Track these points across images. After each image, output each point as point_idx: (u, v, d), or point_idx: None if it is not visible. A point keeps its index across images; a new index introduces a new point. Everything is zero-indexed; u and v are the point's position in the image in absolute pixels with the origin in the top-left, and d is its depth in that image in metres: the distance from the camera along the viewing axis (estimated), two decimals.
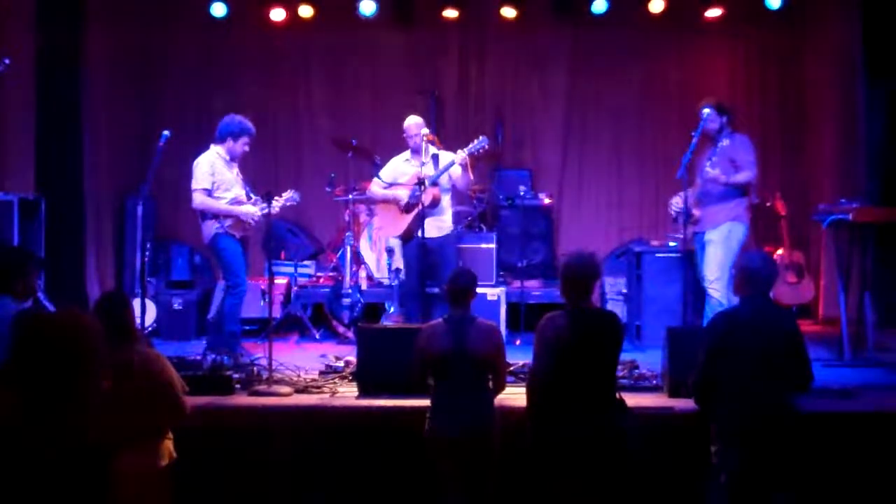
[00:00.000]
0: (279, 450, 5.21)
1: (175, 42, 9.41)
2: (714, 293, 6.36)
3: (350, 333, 7.60)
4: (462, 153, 6.81)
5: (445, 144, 7.36)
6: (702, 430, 4.53)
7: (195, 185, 6.50)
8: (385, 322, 7.50)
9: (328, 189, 8.28)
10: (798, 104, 9.23)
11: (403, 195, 6.99)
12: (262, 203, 6.43)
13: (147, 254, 6.63)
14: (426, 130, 7.04)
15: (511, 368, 5.62)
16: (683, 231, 6.39)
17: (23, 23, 7.47)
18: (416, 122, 7.09)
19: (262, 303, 7.73)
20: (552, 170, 9.62)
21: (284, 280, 8.25)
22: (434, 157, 7.01)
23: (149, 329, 7.71)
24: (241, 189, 6.64)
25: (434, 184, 6.87)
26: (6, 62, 6.45)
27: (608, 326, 4.45)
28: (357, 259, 8.21)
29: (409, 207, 6.95)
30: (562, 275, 4.51)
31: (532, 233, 8.84)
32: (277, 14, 9.10)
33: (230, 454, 5.17)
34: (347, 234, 8.05)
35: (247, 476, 5.17)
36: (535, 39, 9.50)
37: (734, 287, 4.64)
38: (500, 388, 4.75)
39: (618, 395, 4.48)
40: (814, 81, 9.06)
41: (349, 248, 8.04)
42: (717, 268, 6.36)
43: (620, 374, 5.49)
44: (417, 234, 6.74)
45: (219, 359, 6.00)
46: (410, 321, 6.75)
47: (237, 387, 5.70)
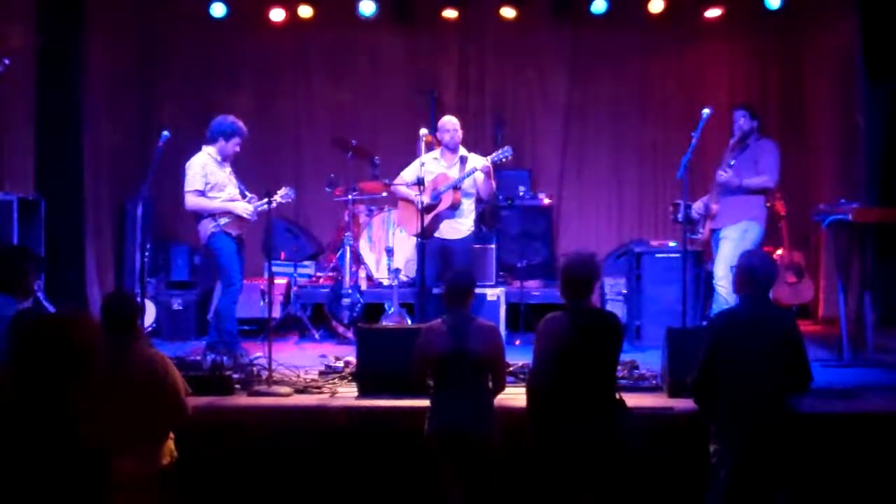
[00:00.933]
0: (279, 450, 5.21)
1: (175, 42, 9.43)
2: (721, 290, 6.39)
3: (350, 334, 7.60)
4: (485, 161, 6.82)
5: None
6: (701, 430, 4.53)
7: (187, 188, 6.57)
8: (384, 322, 7.50)
9: (328, 189, 8.28)
10: (798, 104, 9.23)
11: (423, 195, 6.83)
12: (257, 200, 6.52)
13: (147, 254, 6.63)
14: (425, 131, 7.03)
15: (511, 368, 5.61)
16: (683, 233, 6.41)
17: (23, 23, 7.45)
18: (452, 122, 7.06)
19: (262, 303, 7.73)
20: (552, 170, 9.63)
21: (284, 280, 8.25)
22: (462, 159, 7.00)
23: (149, 329, 7.72)
24: (235, 188, 6.70)
25: (456, 187, 6.87)
26: (6, 62, 6.45)
27: (608, 327, 4.45)
28: (357, 259, 8.22)
29: (429, 208, 6.93)
30: (562, 275, 4.50)
31: (532, 233, 8.84)
32: (277, 14, 9.11)
33: (230, 454, 5.17)
34: (347, 235, 8.05)
35: (247, 476, 5.17)
36: (535, 40, 9.50)
37: (734, 286, 4.65)
38: (500, 389, 4.75)
39: (618, 396, 4.47)
40: (814, 82, 9.06)
41: (349, 249, 8.04)
42: (727, 265, 6.35)
43: (620, 375, 5.50)
44: (434, 235, 6.80)
45: (219, 359, 6.01)
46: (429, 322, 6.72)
47: (237, 387, 5.71)
